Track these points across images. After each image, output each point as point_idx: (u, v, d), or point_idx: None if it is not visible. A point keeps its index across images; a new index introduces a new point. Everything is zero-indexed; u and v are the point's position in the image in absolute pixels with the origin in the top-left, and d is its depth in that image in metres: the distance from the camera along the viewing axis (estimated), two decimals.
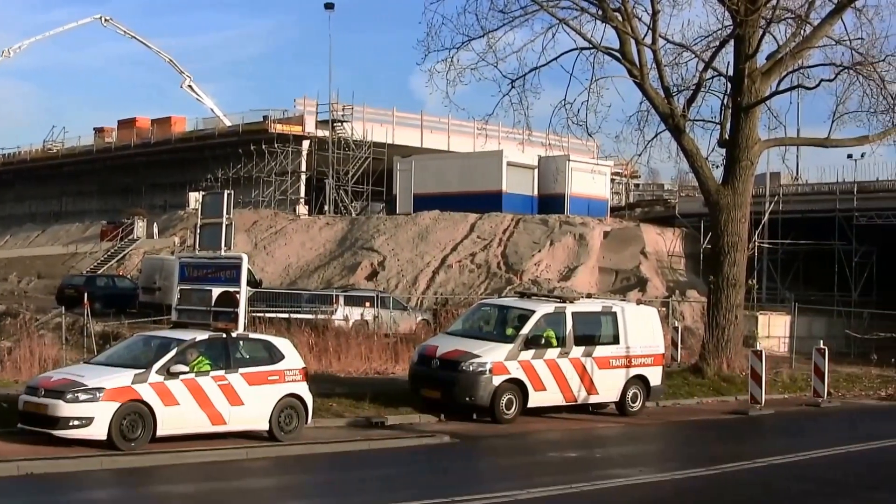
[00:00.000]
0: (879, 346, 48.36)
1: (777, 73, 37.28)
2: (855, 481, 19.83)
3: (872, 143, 39.75)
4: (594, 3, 35.33)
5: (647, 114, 37.29)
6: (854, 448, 23.92)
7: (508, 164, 67.21)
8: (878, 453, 23.87)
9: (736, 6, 34.79)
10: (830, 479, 19.88)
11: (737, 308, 36.58)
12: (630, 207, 78.11)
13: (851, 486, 19.28)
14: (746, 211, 37.35)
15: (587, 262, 59.85)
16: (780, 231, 62.64)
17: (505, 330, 27.20)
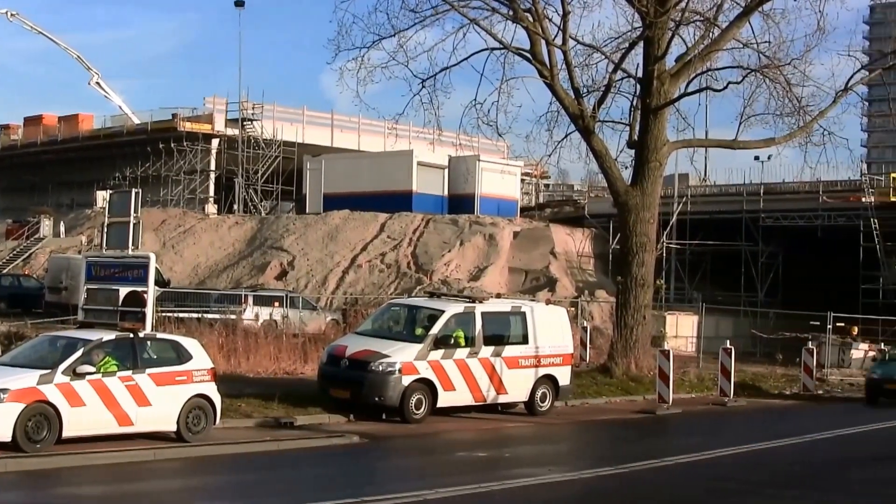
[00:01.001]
0: (784, 346, 49.03)
1: (685, 75, 37.64)
2: (761, 479, 20.02)
3: (779, 145, 40.36)
4: (505, 4, 35.43)
5: (557, 114, 37.48)
6: (760, 446, 24.17)
7: (419, 164, 67.20)
8: (783, 451, 24.14)
9: (645, 8, 35.04)
10: (737, 478, 20.06)
11: (645, 308, 36.86)
12: (540, 208, 78.44)
13: (757, 484, 19.45)
14: (655, 212, 37.65)
15: (497, 262, 59.99)
16: (688, 232, 63.29)
17: (414, 330, 27.18)
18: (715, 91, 38.50)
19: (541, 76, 36.02)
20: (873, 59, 44.58)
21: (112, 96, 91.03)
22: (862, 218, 60.54)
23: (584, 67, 38.04)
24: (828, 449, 25.26)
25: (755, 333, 54.42)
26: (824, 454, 24.31)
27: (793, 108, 37.74)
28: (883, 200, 60.91)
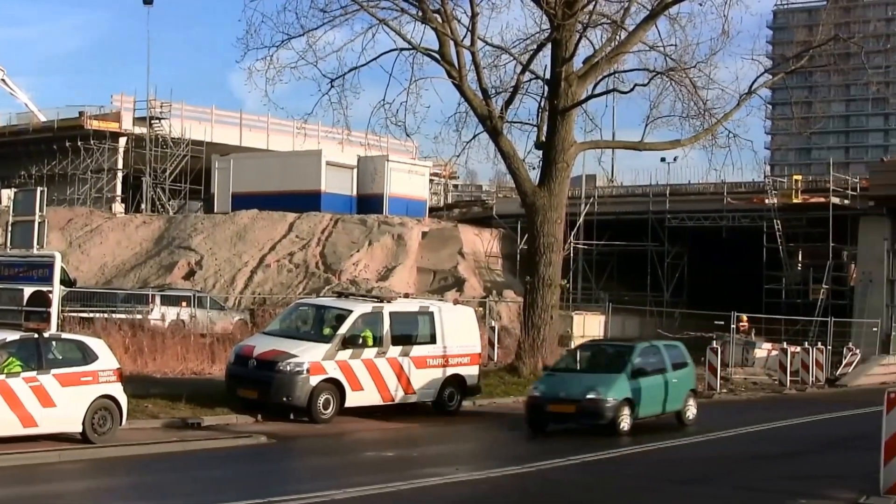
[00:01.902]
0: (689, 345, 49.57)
1: (593, 76, 37.99)
2: (667, 476, 20.31)
3: (684, 147, 40.82)
4: (414, 5, 35.52)
5: (465, 115, 37.64)
6: (663, 444, 24.53)
7: (327, 164, 67.07)
8: (686, 448, 24.52)
9: (553, 10, 35.31)
10: (644, 474, 20.37)
11: (552, 308, 37.13)
12: (448, 208, 78.71)
13: (665, 481, 19.75)
14: (562, 212, 37.95)
15: (405, 262, 60.06)
16: (595, 232, 63.90)
17: (322, 330, 27.20)
18: (622, 93, 38.93)
19: (449, 77, 36.16)
20: (776, 63, 45.38)
21: (18, 93, 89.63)
22: (765, 219, 61.55)
23: (493, 68, 38.29)
24: (732, 445, 25.66)
25: (661, 333, 54.98)
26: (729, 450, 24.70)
27: (698, 110, 38.29)
28: (785, 202, 61.94)
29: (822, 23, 41.70)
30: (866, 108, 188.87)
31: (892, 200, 58.80)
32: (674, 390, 27.70)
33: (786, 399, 41.51)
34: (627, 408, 25.74)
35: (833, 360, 50.39)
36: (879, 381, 46.71)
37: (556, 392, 26.17)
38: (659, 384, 27.24)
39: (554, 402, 25.94)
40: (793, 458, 24.36)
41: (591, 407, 25.44)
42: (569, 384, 26.43)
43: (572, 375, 27.19)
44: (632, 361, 26.75)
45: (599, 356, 28.93)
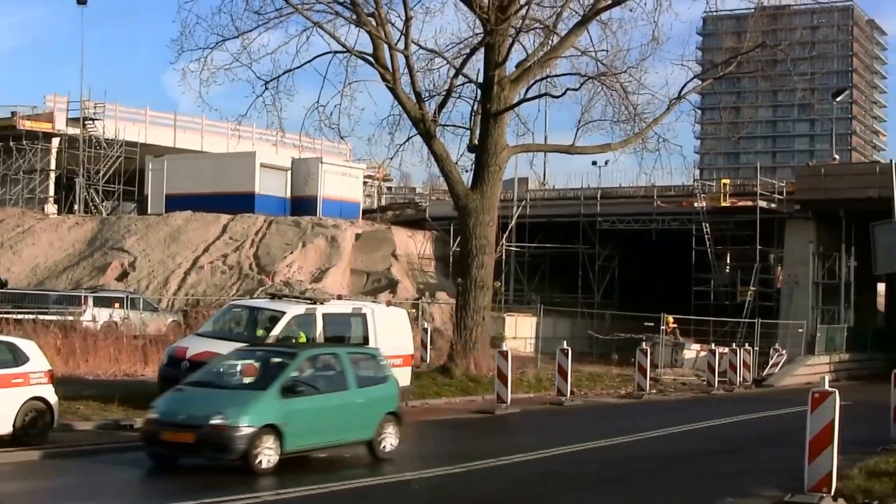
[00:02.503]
0: (620, 347, 50.25)
1: (525, 81, 38.34)
2: (596, 475, 20.60)
3: (615, 151, 41.27)
4: (348, 8, 35.68)
5: (399, 118, 37.90)
6: (595, 444, 24.77)
7: (262, 166, 67.05)
8: (617, 448, 24.79)
9: (486, 15, 35.60)
10: (574, 474, 20.57)
11: (484, 310, 37.42)
12: (382, 210, 78.87)
13: (593, 480, 20.00)
14: (494, 215, 38.25)
15: (339, 263, 60.17)
16: (527, 235, 64.31)
17: (255, 331, 27.23)
18: (554, 97, 39.35)
19: (383, 80, 36.35)
20: (705, 69, 45.98)
21: None
22: (694, 222, 62.30)
23: (426, 72, 38.57)
24: (662, 445, 25.99)
25: (592, 334, 55.66)
26: (659, 450, 25.03)
27: (629, 114, 38.77)
28: (714, 205, 62.73)
29: (749, 30, 42.28)
30: (792, 114, 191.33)
31: (817, 204, 59.76)
32: (360, 414, 20.95)
33: (714, 399, 42.08)
34: (272, 438, 18.76)
35: (760, 361, 51.26)
36: (805, 381, 47.49)
37: (175, 414, 19.18)
38: (331, 406, 20.41)
39: (169, 429, 18.91)
40: (720, 456, 24.76)
41: (214, 436, 18.47)
42: (194, 403, 19.51)
43: (204, 392, 20.07)
44: (286, 375, 19.79)
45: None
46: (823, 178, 61.75)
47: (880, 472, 18.58)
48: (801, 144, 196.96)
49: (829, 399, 16.44)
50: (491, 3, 35.88)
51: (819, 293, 60.81)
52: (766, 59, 42.78)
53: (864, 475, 18.42)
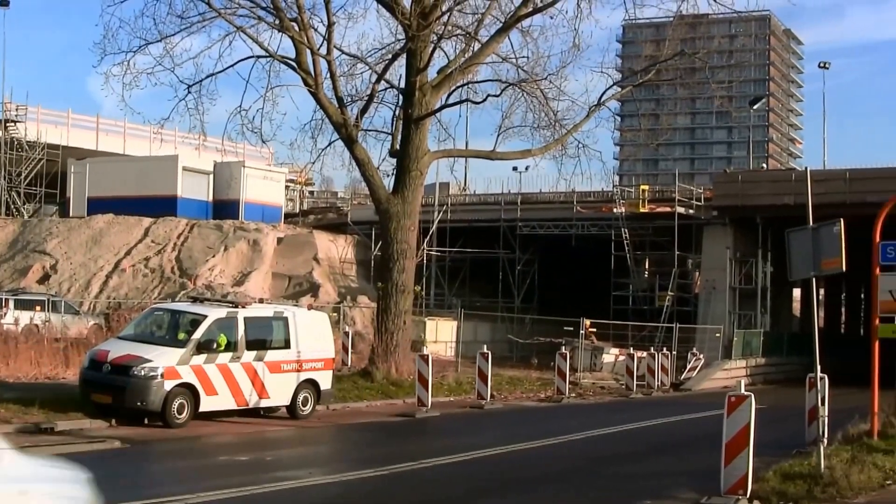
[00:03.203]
0: (539, 350, 50.61)
1: (447, 87, 38.58)
2: (516, 478, 20.79)
3: (535, 157, 41.63)
4: (271, 13, 35.74)
5: (321, 123, 37.99)
6: (515, 447, 24.97)
7: (184, 169, 66.84)
8: (537, 451, 24.99)
9: (408, 21, 35.80)
10: (493, 477, 20.73)
11: (405, 314, 37.58)
12: (304, 214, 78.84)
13: (513, 483, 20.16)
14: (415, 219, 38.44)
15: (261, 267, 60.14)
16: (448, 239, 64.57)
17: (177, 334, 27.24)
18: (475, 103, 39.63)
19: (305, 85, 36.41)
20: (625, 76, 46.50)
21: None
22: (613, 228, 62.93)
23: (349, 77, 38.70)
24: (581, 448, 26.27)
25: (512, 338, 56.04)
26: (578, 453, 25.29)
27: (549, 121, 39.12)
28: (633, 211, 63.41)
29: (668, 38, 42.82)
30: (710, 122, 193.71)
31: (734, 210, 60.65)
32: None
33: (632, 403, 42.47)
34: None
35: (678, 365, 51.87)
36: (722, 385, 48.16)
37: None
38: None
39: None
40: (639, 459, 25.08)
41: None
42: None
43: None
44: None
45: None
46: (740, 185, 62.69)
47: (795, 475, 18.91)
48: (718, 151, 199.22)
49: (744, 403, 16.74)
50: (413, 9, 36.11)
51: (736, 298, 61.70)
52: (685, 66, 43.30)
53: (779, 477, 18.76)
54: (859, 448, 21.64)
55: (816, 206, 21.26)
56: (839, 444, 22.42)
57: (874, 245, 23.42)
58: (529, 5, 37.97)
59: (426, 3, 36.33)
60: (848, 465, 19.24)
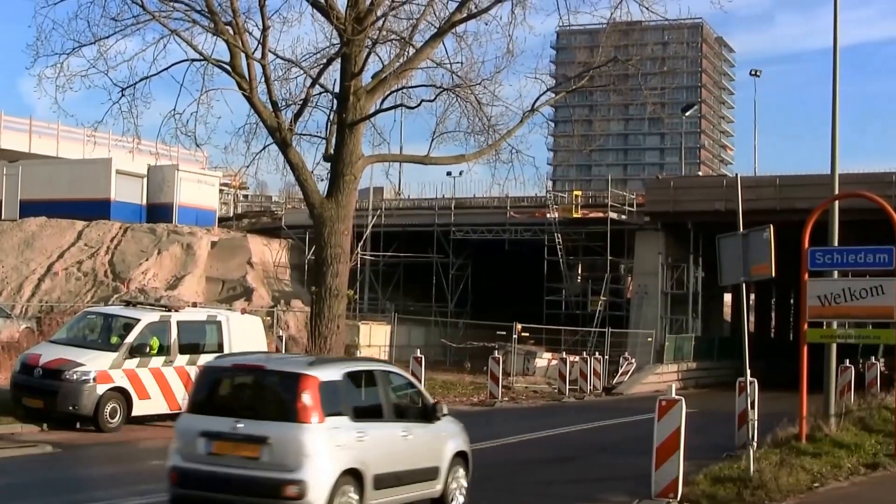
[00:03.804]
0: (473, 355, 50.77)
1: (381, 91, 38.59)
2: None
3: (469, 162, 41.62)
4: (206, 17, 35.57)
5: (255, 126, 37.80)
6: None
7: (118, 172, 66.34)
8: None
9: (343, 26, 35.80)
10: None
11: (339, 318, 37.54)
12: (238, 218, 78.58)
13: None
14: (349, 224, 38.40)
15: (194, 271, 59.89)
16: (382, 244, 64.67)
17: (110, 338, 27.17)
18: (409, 108, 39.62)
19: (240, 88, 36.29)
20: (559, 82, 46.59)
21: None
22: (546, 233, 63.29)
23: (283, 81, 38.54)
24: (513, 452, 26.41)
25: (445, 342, 56.20)
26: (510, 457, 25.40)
27: (483, 126, 39.20)
28: (566, 216, 63.81)
29: (601, 45, 43.09)
30: (643, 128, 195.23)
31: (666, 216, 61.20)
32: None
33: (565, 407, 42.77)
34: None
35: (610, 370, 52.23)
36: (653, 389, 48.52)
37: None
38: None
39: None
40: (570, 462, 25.31)
41: None
42: None
43: None
44: None
45: None
46: (672, 191, 63.24)
47: (724, 478, 19.18)
48: (651, 157, 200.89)
49: (675, 407, 16.96)
50: (348, 14, 36.11)
51: (668, 303, 62.24)
52: (618, 73, 43.58)
53: (709, 481, 19.02)
54: (788, 451, 21.99)
55: (747, 212, 21.60)
56: (768, 448, 22.74)
57: (803, 251, 23.79)
58: (464, 11, 38.10)
59: (361, 8, 36.36)
60: (777, 468, 19.55)
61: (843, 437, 24.54)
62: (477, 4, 37.82)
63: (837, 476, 20.44)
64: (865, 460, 22.26)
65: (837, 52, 28.28)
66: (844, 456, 22.08)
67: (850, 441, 23.96)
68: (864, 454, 22.83)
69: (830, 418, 26.58)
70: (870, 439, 24.90)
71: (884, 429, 26.52)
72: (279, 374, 15.70)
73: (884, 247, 23.35)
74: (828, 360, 27.76)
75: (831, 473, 20.45)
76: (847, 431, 25.37)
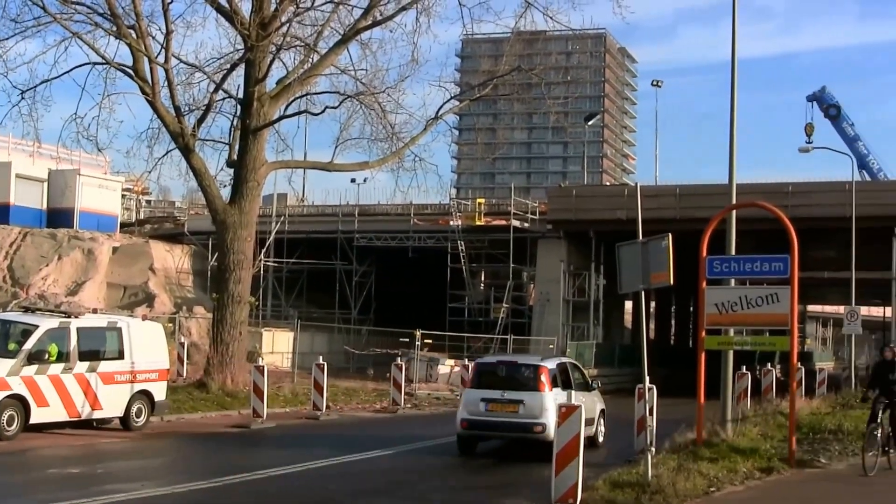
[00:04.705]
0: (376, 361, 50.72)
1: (285, 98, 38.61)
2: (350, 489, 20.85)
3: (373, 169, 41.81)
4: (108, 20, 35.34)
5: (158, 131, 37.67)
6: (350, 458, 25.05)
7: (17, 176, 65.41)
8: (371, 462, 25.10)
9: (248, 31, 35.74)
10: (325, 488, 20.78)
11: (241, 324, 37.45)
12: (140, 224, 77.88)
13: (348, 494, 20.22)
14: (252, 230, 38.36)
15: (95, 277, 59.26)
16: (285, 250, 64.47)
17: (7, 345, 26.74)
18: (313, 115, 39.69)
19: (143, 93, 36.10)
20: (463, 90, 46.98)
21: None
22: (450, 240, 63.53)
23: (187, 86, 38.44)
24: (416, 458, 26.43)
25: (348, 349, 56.13)
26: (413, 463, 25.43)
27: (387, 133, 39.41)
28: (469, 224, 64.13)
29: (506, 54, 43.46)
30: (546, 136, 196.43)
31: (568, 224, 61.72)
32: None
33: None
34: None
35: None
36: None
37: None
38: None
39: None
40: (471, 469, 25.25)
41: None
42: None
43: None
44: None
45: None
46: (575, 200, 63.77)
47: (623, 483, 19.34)
48: (554, 166, 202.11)
49: (575, 413, 17.08)
50: (252, 19, 36.07)
51: (569, 310, 62.77)
52: (522, 82, 43.98)
53: (609, 486, 19.15)
54: (686, 456, 22.23)
55: (648, 220, 21.87)
56: (667, 453, 22.98)
57: (701, 259, 24.12)
58: (369, 18, 38.23)
59: (266, 14, 36.33)
60: (674, 472, 19.77)
61: (739, 442, 24.87)
62: (382, 12, 38.07)
63: (734, 480, 20.72)
64: (761, 465, 22.59)
65: (736, 65, 28.71)
66: (741, 461, 22.38)
67: (746, 446, 24.29)
68: (759, 459, 23.16)
69: (727, 424, 26.94)
70: (765, 444, 25.27)
71: (779, 434, 26.95)
72: (526, 365, 27.15)
73: (779, 256, 23.73)
74: (725, 366, 28.14)
75: (728, 478, 20.72)
76: (743, 437, 25.71)
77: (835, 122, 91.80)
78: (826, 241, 57.57)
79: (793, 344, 25.24)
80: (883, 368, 23.94)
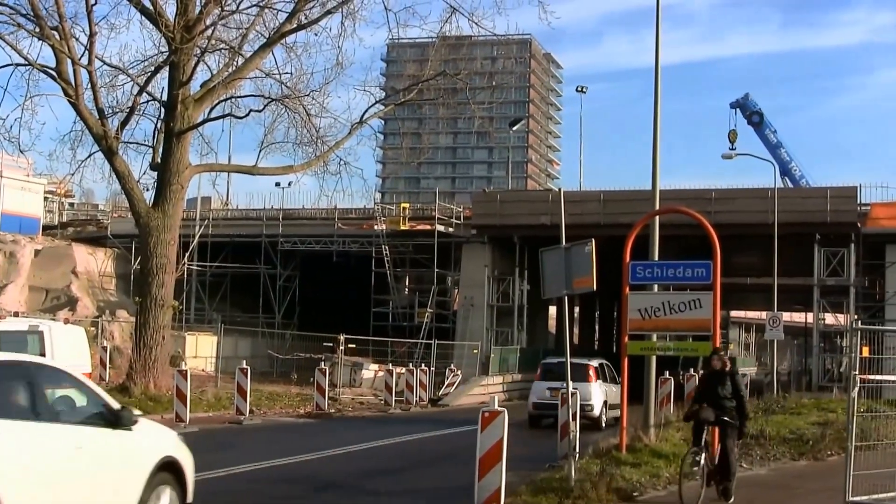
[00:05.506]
0: (300, 366, 50.58)
1: (209, 101, 38.46)
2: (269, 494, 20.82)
3: (297, 173, 41.78)
4: (31, 20, 35.06)
5: (81, 134, 37.42)
6: (272, 463, 24.98)
7: None
8: (294, 468, 25.04)
9: (172, 34, 35.59)
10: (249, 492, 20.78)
11: (164, 328, 37.26)
12: (63, 226, 77.13)
13: (276, 499, 20.26)
14: (175, 233, 38.16)
15: (17, 280, 58.65)
16: (209, 254, 64.13)
17: None
18: (237, 118, 39.63)
19: (65, 95, 35.83)
20: (387, 95, 47.04)
21: None
22: (374, 245, 63.56)
23: (110, 88, 38.23)
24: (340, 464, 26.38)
25: (272, 354, 55.97)
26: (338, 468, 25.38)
27: (311, 137, 39.41)
28: (393, 228, 64.16)
29: (431, 58, 43.60)
30: (471, 141, 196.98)
31: (493, 229, 61.97)
32: None
33: (391, 418, 42.84)
34: None
35: (436, 381, 52.58)
36: (479, 400, 48.91)
37: None
38: None
39: None
40: (394, 474, 25.28)
41: None
42: None
43: None
44: None
45: None
46: (499, 205, 64.07)
47: (546, 488, 19.41)
48: (479, 171, 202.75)
49: (498, 418, 17.11)
50: (177, 22, 35.92)
51: (494, 315, 62.99)
52: (447, 87, 44.13)
53: (531, 491, 19.21)
54: (608, 461, 22.35)
55: (572, 226, 22.02)
56: (590, 458, 23.09)
57: (624, 265, 24.30)
58: (294, 21, 38.20)
59: (190, 16, 36.19)
60: (597, 477, 19.88)
61: (662, 447, 25.01)
62: (307, 15, 38.05)
63: (656, 485, 20.85)
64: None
65: (659, 71, 28.99)
66: (663, 466, 22.51)
67: (668, 451, 24.42)
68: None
69: (650, 429, 27.10)
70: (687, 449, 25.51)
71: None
72: (578, 364, 36.43)
73: (702, 261, 23.94)
74: (648, 371, 28.37)
75: (650, 483, 20.85)
76: (666, 442, 25.86)
77: (758, 129, 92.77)
78: (749, 248, 58.32)
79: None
80: (712, 380, 19.55)
